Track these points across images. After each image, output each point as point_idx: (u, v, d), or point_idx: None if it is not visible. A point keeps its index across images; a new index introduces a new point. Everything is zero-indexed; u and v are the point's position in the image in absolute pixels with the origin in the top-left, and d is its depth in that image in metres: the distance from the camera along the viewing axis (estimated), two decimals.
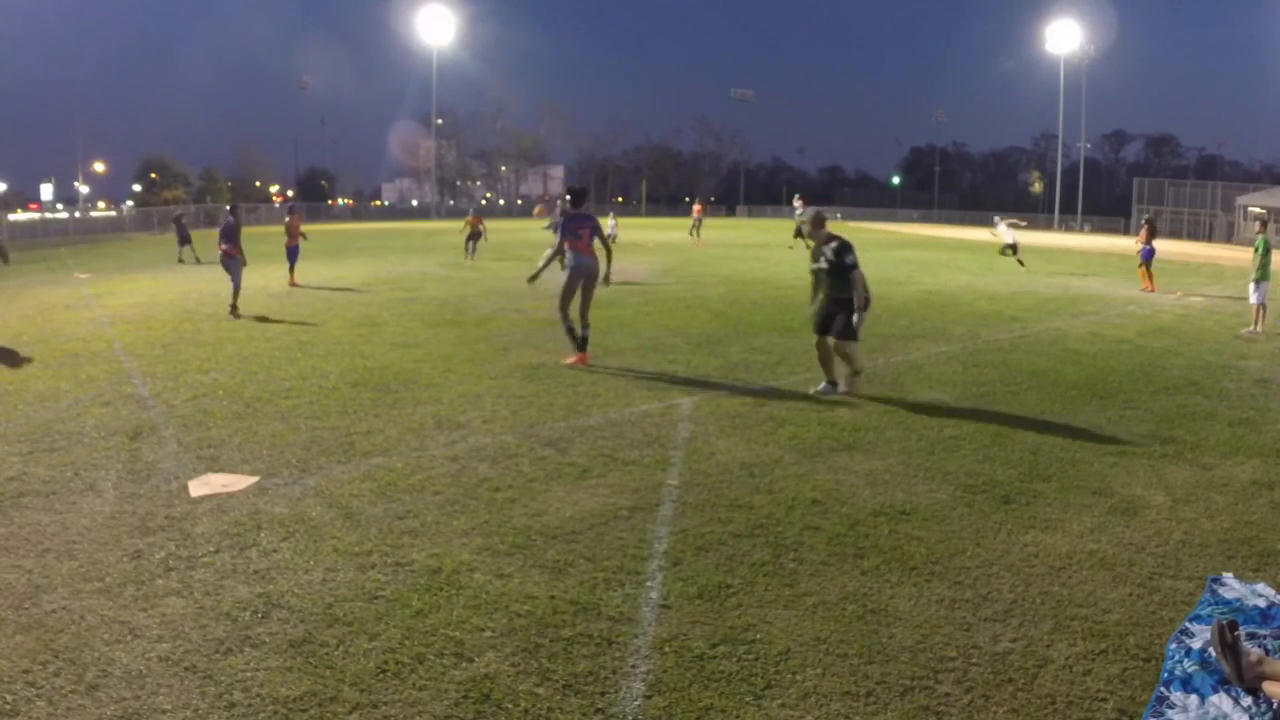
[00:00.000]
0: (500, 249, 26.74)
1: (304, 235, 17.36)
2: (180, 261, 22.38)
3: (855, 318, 7.10)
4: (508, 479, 5.14)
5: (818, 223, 7.44)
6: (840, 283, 7.19)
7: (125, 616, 3.47)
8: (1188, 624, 3.40)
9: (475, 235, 23.47)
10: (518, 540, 4.24)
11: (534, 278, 9.05)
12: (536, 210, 22.55)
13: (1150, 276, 16.95)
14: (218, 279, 16.69)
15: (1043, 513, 4.68)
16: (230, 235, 12.63)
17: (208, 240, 25.89)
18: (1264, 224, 12.04)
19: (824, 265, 7.28)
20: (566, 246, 8.63)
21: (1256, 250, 11.75)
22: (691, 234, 35.40)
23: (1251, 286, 11.56)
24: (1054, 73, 67.54)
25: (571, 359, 8.56)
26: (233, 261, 12.58)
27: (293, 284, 16.35)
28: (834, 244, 7.20)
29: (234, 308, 12.24)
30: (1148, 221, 17.19)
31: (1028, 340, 10.52)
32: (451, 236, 32.96)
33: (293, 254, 16.83)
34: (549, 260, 8.94)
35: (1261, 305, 11.45)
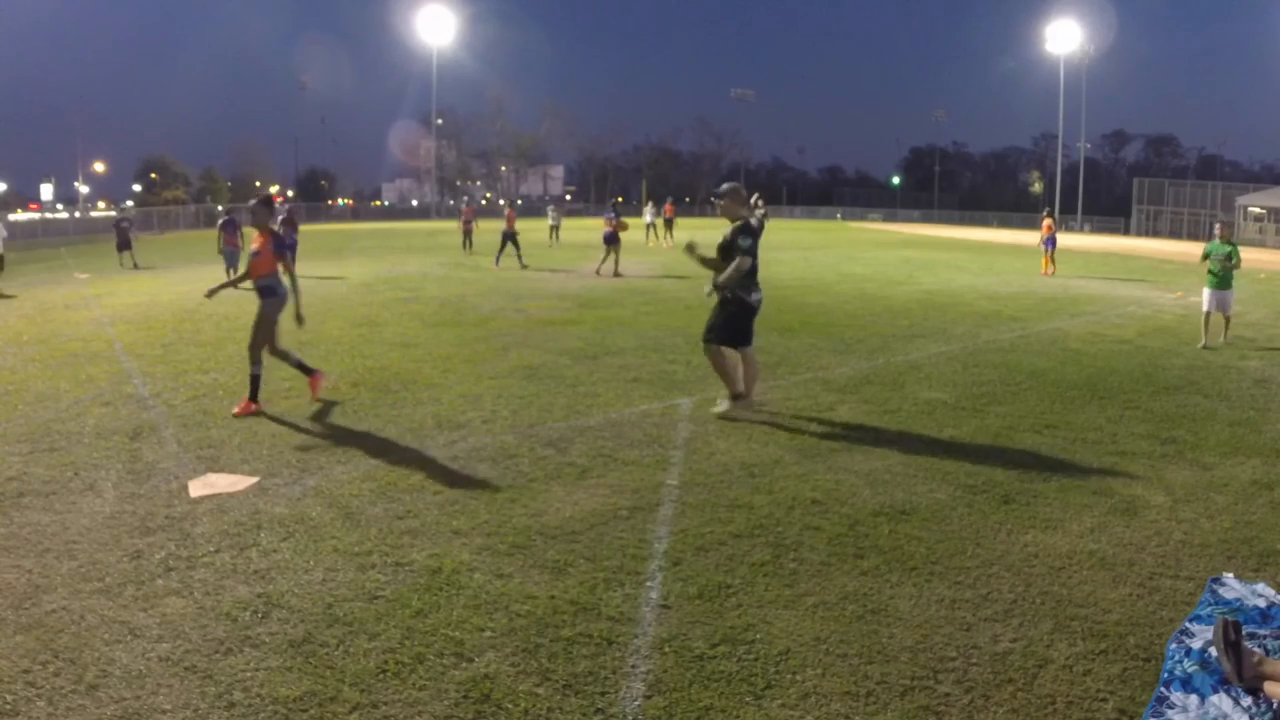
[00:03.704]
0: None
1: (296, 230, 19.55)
2: (122, 266, 21.35)
3: (707, 287, 6.51)
4: (508, 479, 5.14)
5: (736, 197, 6.68)
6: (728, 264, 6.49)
7: (125, 616, 3.47)
8: (1188, 624, 3.40)
9: (507, 234, 20.94)
10: (518, 540, 4.24)
11: (212, 293, 7.74)
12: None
13: (1052, 261, 20.17)
14: (216, 279, 16.71)
15: (1043, 513, 4.68)
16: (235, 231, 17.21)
17: (206, 240, 25.89)
18: (1224, 225, 11.12)
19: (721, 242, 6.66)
20: (281, 270, 7.03)
21: (1232, 257, 10.60)
22: (659, 235, 31.44)
23: (1230, 295, 10.53)
24: (1054, 73, 67.52)
25: (239, 407, 6.77)
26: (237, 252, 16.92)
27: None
28: (736, 224, 6.61)
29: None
30: (1049, 214, 20.63)
31: (1028, 340, 10.51)
32: (453, 236, 32.95)
33: (291, 250, 18.21)
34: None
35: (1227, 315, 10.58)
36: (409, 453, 5.66)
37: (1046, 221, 20.45)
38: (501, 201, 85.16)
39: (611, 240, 18.93)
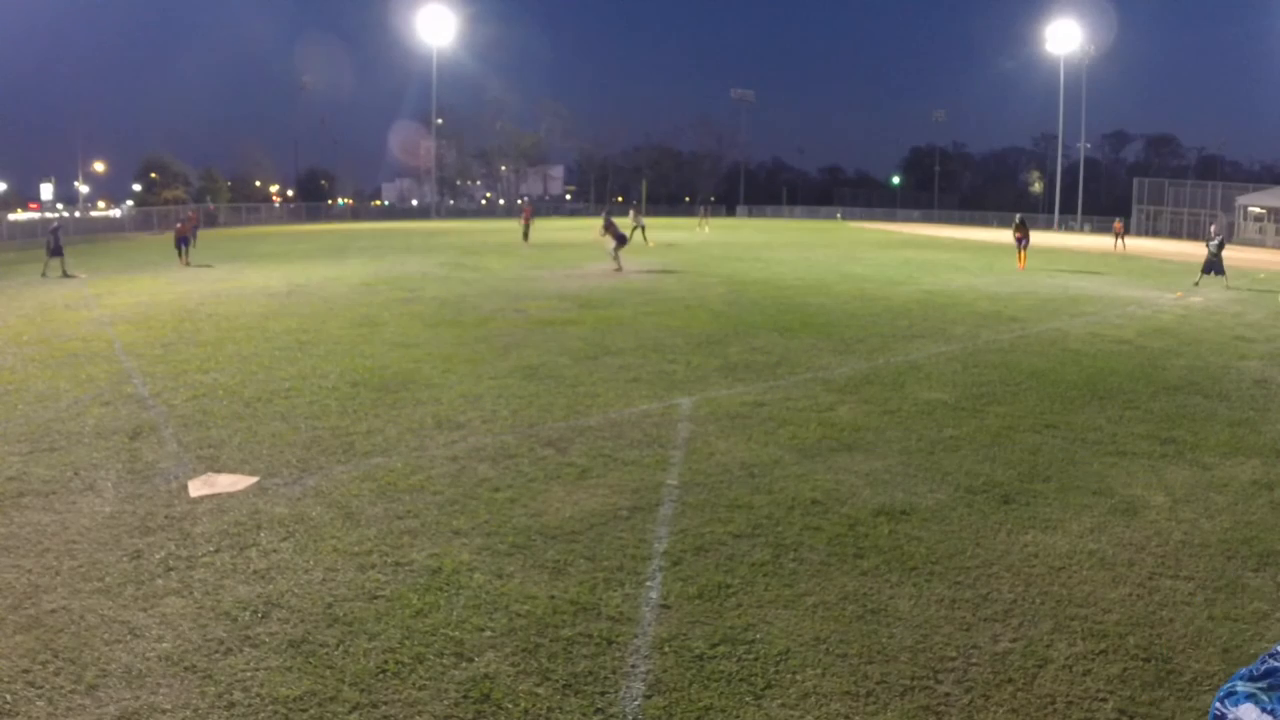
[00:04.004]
0: (503, 248, 26.75)
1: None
2: (43, 275, 19.11)
3: None
4: (508, 479, 5.14)
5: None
6: None
7: (125, 616, 3.47)
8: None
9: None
10: (518, 540, 4.24)
11: None
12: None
13: (1023, 258, 22.12)
14: (217, 279, 16.71)
15: (1043, 513, 4.68)
16: None
17: (205, 240, 25.98)
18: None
19: None
20: None
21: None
22: (640, 236, 30.63)
23: None
24: (1054, 73, 67.45)
25: None
26: None
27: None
28: None
29: None
30: (1022, 221, 22.92)
31: (1028, 340, 10.52)
32: (453, 237, 32.97)
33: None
34: None
35: None
36: (409, 453, 5.66)
37: (1019, 228, 22.91)
38: (514, 201, 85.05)
39: (621, 240, 19.34)
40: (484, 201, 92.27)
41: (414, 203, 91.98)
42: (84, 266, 21.31)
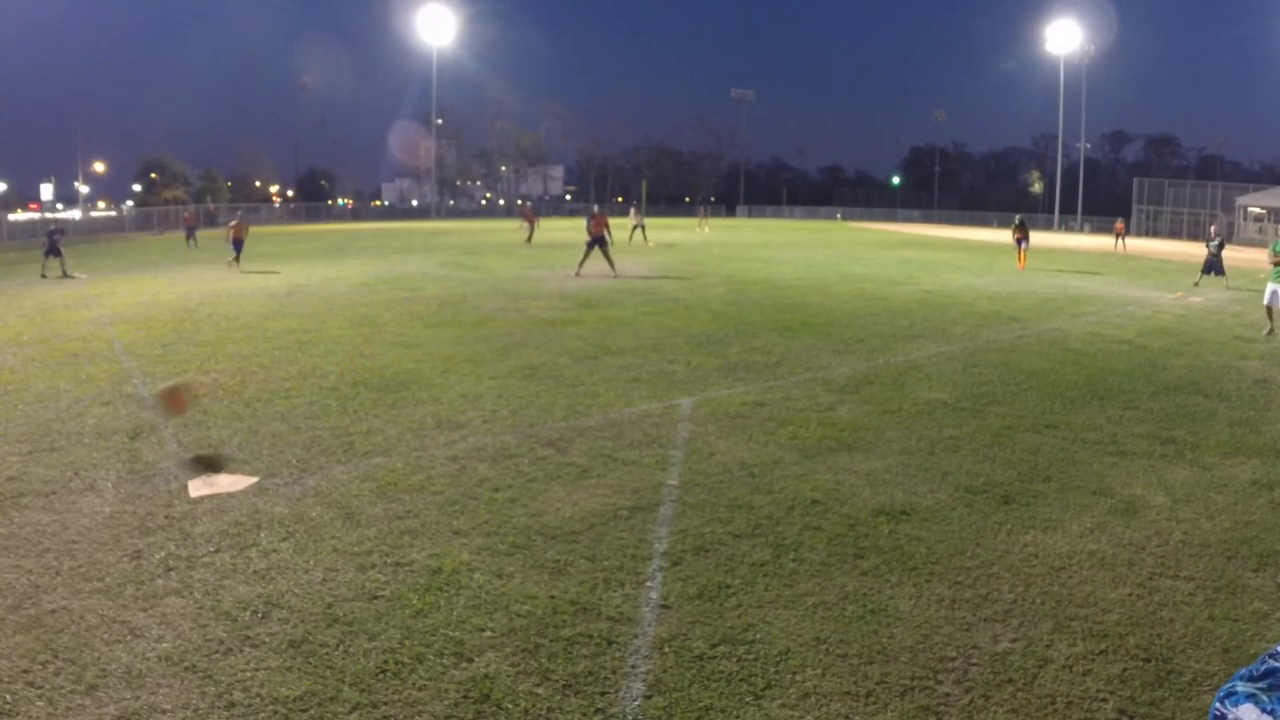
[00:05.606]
0: (503, 248, 26.75)
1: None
2: (43, 276, 18.81)
3: None
4: (508, 479, 5.14)
5: None
6: None
7: (125, 616, 3.47)
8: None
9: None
10: (518, 540, 4.24)
11: None
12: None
13: (1023, 258, 22.52)
14: (217, 279, 16.68)
15: (1043, 513, 4.68)
16: None
17: (203, 239, 25.92)
18: None
19: None
20: None
21: (1275, 250, 11.48)
22: (640, 236, 31.28)
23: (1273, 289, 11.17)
24: (1054, 73, 67.47)
25: None
26: None
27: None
28: None
29: None
30: (1021, 221, 23.28)
31: (1028, 340, 10.52)
32: (453, 237, 32.94)
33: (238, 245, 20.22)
34: None
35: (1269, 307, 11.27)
36: (409, 453, 5.67)
37: (1018, 229, 23.27)
38: (514, 201, 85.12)
39: (591, 244, 19.11)
40: (484, 202, 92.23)
41: (414, 203, 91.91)
42: (84, 266, 21.30)
